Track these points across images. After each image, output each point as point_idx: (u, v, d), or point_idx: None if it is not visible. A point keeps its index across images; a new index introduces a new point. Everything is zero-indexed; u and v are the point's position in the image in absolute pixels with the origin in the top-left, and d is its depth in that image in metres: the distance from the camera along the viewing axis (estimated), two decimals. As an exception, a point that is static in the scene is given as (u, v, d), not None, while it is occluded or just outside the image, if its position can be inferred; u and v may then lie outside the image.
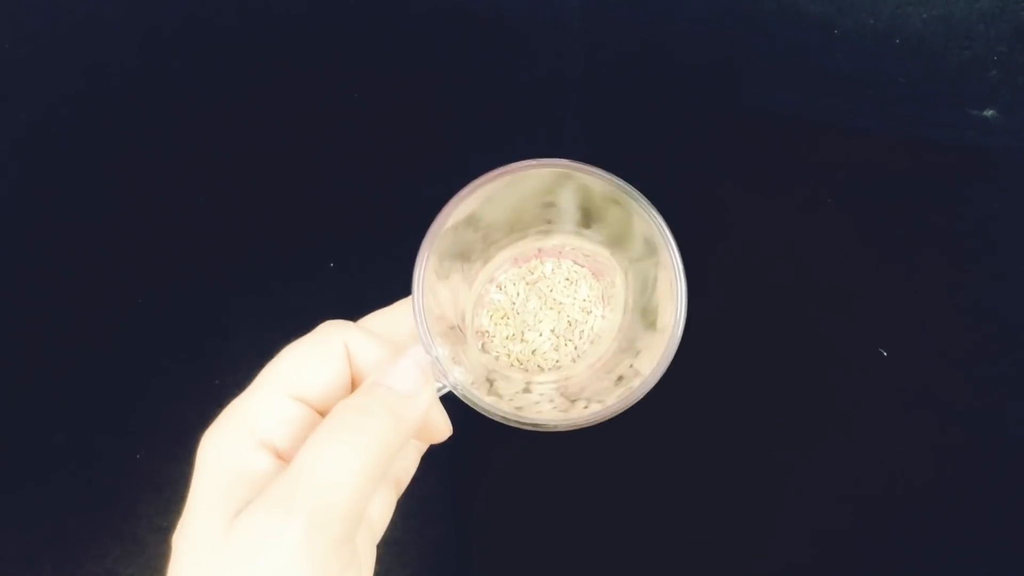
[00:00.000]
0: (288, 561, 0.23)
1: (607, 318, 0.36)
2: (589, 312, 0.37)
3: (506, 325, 0.38)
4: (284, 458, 0.26)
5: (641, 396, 0.30)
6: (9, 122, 0.46)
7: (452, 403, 0.35)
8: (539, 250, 0.39)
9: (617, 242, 0.35)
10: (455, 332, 0.33)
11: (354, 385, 0.29)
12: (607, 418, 0.30)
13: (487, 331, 0.36)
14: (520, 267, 0.39)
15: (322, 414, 0.27)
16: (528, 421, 0.31)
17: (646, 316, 0.34)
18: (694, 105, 0.46)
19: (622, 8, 0.49)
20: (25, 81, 0.47)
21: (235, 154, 0.46)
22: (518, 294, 0.38)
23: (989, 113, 0.46)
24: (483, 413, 0.31)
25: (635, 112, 0.31)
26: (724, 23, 0.48)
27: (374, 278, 0.43)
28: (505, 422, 0.31)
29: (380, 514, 0.30)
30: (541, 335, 0.37)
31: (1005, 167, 0.45)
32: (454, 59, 0.47)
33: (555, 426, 0.31)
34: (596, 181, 0.31)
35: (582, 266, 0.39)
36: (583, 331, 0.37)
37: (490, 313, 0.38)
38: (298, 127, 0.46)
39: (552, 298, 0.38)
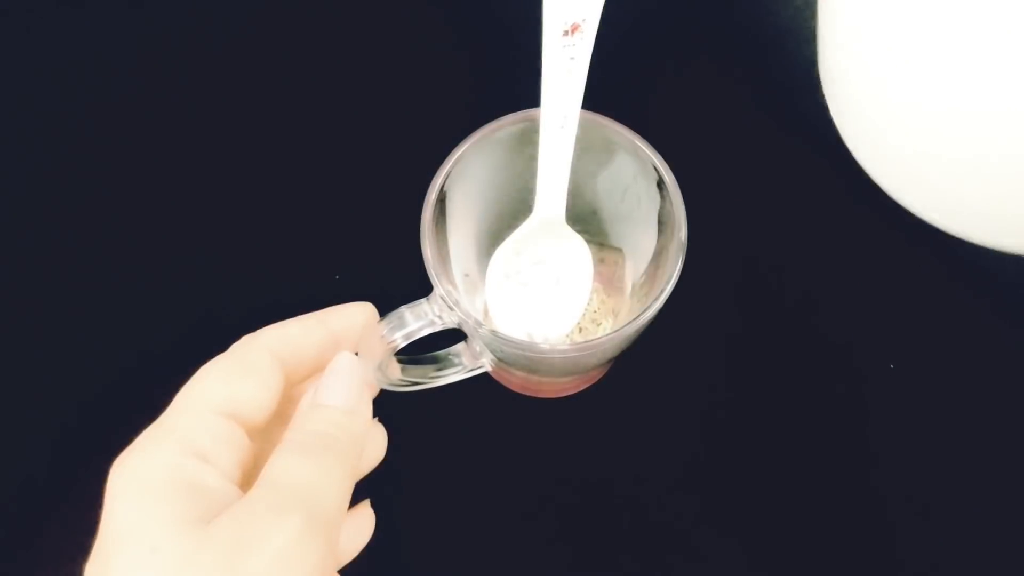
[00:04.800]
0: (291, 547, 0.22)
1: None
2: (599, 324, 0.37)
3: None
4: (227, 477, 0.24)
5: (660, 306, 0.30)
6: (14, 129, 0.46)
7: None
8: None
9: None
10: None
11: (288, 384, 0.28)
12: (626, 335, 0.30)
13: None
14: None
15: (253, 429, 0.26)
16: (548, 348, 0.31)
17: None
18: (702, 113, 0.46)
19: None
20: (30, 90, 0.47)
21: (238, 169, 0.46)
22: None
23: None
24: (491, 344, 0.31)
25: (649, 115, 0.32)
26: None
27: (380, 290, 0.43)
28: (517, 351, 0.31)
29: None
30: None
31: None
32: (464, 69, 0.47)
33: (575, 352, 0.31)
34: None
35: (594, 280, 0.39)
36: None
37: None
38: (301, 141, 0.46)
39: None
